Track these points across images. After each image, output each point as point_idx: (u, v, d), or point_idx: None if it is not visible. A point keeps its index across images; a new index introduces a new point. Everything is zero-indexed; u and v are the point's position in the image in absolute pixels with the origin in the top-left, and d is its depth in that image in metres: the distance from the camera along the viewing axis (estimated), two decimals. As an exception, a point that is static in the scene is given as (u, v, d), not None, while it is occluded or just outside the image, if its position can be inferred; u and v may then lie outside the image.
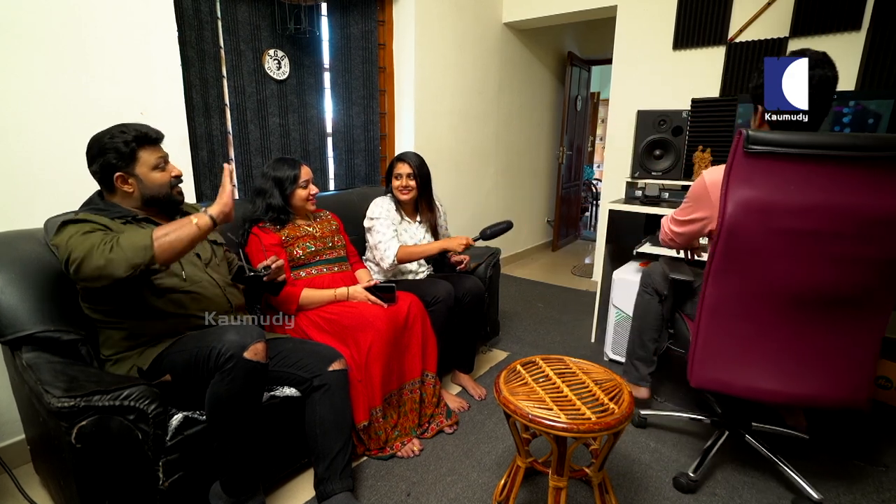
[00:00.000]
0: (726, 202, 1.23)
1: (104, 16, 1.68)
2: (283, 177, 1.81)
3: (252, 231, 1.78)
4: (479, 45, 3.60)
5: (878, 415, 1.99)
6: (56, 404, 1.03)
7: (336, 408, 1.43)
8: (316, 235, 1.88)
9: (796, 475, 1.50)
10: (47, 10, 1.56)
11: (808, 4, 2.64)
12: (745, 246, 1.25)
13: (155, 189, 1.34)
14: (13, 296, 1.26)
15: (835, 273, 1.23)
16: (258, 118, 2.48)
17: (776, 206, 1.19)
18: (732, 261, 1.29)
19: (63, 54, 1.60)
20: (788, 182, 1.18)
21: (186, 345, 1.27)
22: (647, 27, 3.20)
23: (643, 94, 3.24)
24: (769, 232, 1.22)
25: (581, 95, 5.13)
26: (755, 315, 1.34)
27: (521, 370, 1.36)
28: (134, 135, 1.29)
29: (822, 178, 1.16)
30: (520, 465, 1.33)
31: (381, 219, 2.06)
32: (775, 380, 1.39)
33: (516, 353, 2.56)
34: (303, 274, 1.82)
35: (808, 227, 1.19)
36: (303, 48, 2.61)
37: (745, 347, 1.39)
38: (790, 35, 2.71)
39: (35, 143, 1.57)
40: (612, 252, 2.67)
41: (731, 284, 1.33)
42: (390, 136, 3.16)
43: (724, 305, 1.36)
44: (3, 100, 1.50)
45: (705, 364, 1.44)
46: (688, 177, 2.58)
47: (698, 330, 1.41)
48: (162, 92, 1.88)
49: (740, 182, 1.21)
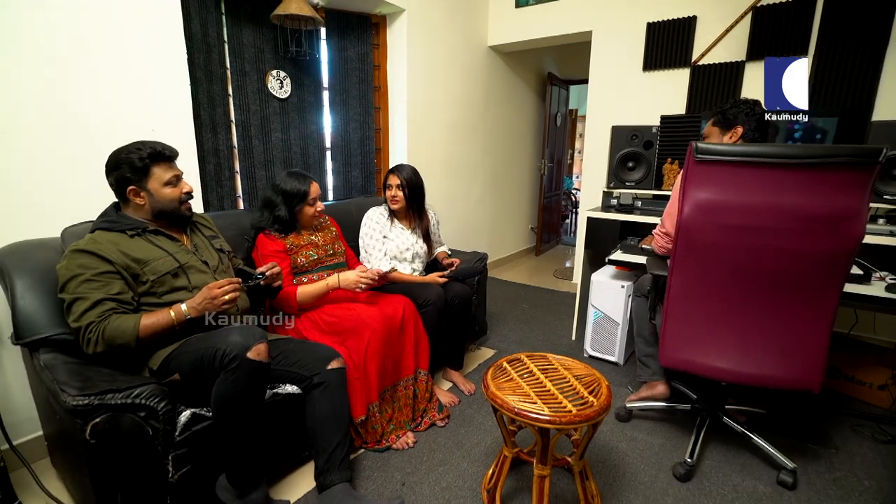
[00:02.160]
0: (683, 204, 1.33)
1: (121, 41, 1.68)
2: (293, 192, 1.76)
3: (258, 237, 1.77)
4: (466, 67, 3.62)
5: (826, 400, 2.03)
6: (71, 402, 1.03)
7: (335, 404, 1.42)
8: (318, 244, 1.87)
9: (771, 447, 1.56)
10: (78, 38, 1.56)
11: (762, 31, 2.70)
12: (699, 239, 1.35)
13: (165, 203, 1.34)
14: (32, 301, 1.25)
15: (778, 264, 1.31)
16: (261, 134, 2.47)
17: (724, 205, 1.29)
18: (690, 253, 1.38)
19: (83, 76, 1.59)
20: (733, 185, 1.28)
21: (193, 346, 1.26)
22: (619, 51, 3.25)
23: (617, 111, 3.29)
24: (719, 227, 1.31)
25: (560, 112, 5.18)
26: (710, 301, 1.43)
27: (507, 367, 1.37)
28: (149, 152, 1.29)
29: (761, 181, 1.26)
30: (507, 455, 1.34)
31: (370, 234, 2.09)
32: (729, 360, 1.46)
33: (503, 350, 2.56)
34: (304, 279, 1.81)
35: (752, 224, 1.28)
36: (303, 69, 2.61)
37: (702, 330, 1.47)
38: (747, 58, 2.77)
39: (55, 157, 1.56)
40: (591, 256, 2.69)
41: (689, 274, 1.42)
42: (385, 150, 3.16)
43: (685, 293, 1.45)
44: (26, 114, 1.49)
45: (672, 345, 1.51)
46: (658, 187, 2.62)
47: (666, 315, 1.49)
48: (172, 110, 1.87)
49: (694, 186, 1.31)
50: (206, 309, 1.26)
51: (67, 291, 1.19)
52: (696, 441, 1.60)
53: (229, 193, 2.34)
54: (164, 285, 1.31)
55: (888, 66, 2.41)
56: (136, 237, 1.31)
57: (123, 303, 1.23)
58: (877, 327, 2.40)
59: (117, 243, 1.27)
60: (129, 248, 1.28)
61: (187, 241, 1.46)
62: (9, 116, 1.46)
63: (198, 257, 1.43)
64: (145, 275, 1.28)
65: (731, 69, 2.83)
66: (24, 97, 1.49)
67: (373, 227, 2.09)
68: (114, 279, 1.23)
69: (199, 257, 1.43)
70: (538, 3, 3.55)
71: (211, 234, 1.57)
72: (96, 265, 1.21)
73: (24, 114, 1.49)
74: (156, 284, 1.29)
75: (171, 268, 1.33)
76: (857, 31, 2.44)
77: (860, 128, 2.46)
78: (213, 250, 1.51)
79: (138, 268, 1.27)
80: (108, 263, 1.22)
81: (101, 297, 1.19)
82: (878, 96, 2.44)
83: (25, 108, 1.49)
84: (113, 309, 1.20)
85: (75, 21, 1.56)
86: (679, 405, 1.85)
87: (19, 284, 1.26)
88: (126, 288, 1.25)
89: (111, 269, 1.23)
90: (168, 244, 1.37)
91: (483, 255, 2.48)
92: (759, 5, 2.69)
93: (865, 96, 2.46)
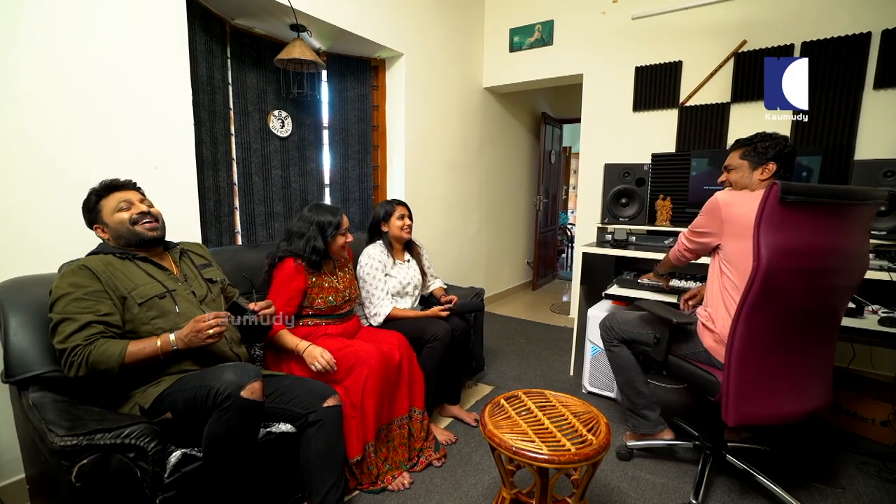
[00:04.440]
0: (760, 247, 1.24)
1: (129, 83, 1.73)
2: (326, 222, 1.77)
3: (288, 259, 1.72)
4: (462, 107, 3.74)
5: (828, 436, 1.99)
6: (59, 443, 1.00)
7: (330, 443, 1.39)
8: (339, 288, 1.83)
9: (778, 488, 1.52)
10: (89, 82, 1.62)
11: (744, 76, 2.83)
12: (777, 286, 1.27)
13: (119, 229, 1.35)
14: (24, 338, 1.24)
15: (822, 301, 1.37)
16: (262, 171, 2.52)
17: (805, 248, 1.27)
18: (765, 301, 1.29)
19: (90, 115, 1.63)
20: (810, 227, 1.26)
21: (186, 384, 1.24)
22: (609, 92, 3.38)
23: (609, 149, 3.38)
24: (794, 272, 1.27)
25: (555, 150, 5.32)
26: (777, 348, 1.37)
27: (504, 404, 1.35)
28: (95, 189, 1.36)
29: (833, 222, 1.28)
30: (505, 496, 1.30)
31: (373, 274, 2.04)
32: (789, 402, 1.42)
33: (500, 386, 2.52)
34: (311, 323, 1.78)
35: (823, 266, 1.30)
36: (304, 109, 2.70)
37: (772, 378, 1.40)
38: (731, 100, 2.89)
39: (55, 192, 1.58)
40: (587, 291, 2.70)
41: (759, 323, 1.33)
42: (382, 187, 3.22)
43: (753, 345, 1.35)
44: (27, 152, 1.52)
45: (741, 403, 1.39)
46: (651, 222, 2.67)
47: (729, 373, 1.37)
48: (176, 148, 1.91)
49: (772, 229, 1.24)
50: (193, 342, 1.25)
51: (56, 311, 1.18)
52: (700, 481, 1.56)
53: (228, 229, 2.36)
54: (153, 310, 1.30)
55: (865, 107, 2.51)
56: (126, 260, 1.33)
57: (111, 325, 1.22)
58: (874, 361, 2.39)
59: (110, 263, 1.29)
60: (119, 270, 1.29)
61: (176, 269, 1.46)
62: (9, 149, 1.49)
63: (186, 286, 1.43)
64: (132, 298, 1.28)
65: (717, 110, 2.94)
66: (29, 129, 1.52)
67: (375, 267, 2.05)
68: (103, 298, 1.23)
69: (187, 287, 1.43)
70: (531, 48, 3.71)
71: (203, 262, 1.57)
72: (87, 283, 1.22)
73: (25, 146, 1.51)
74: (143, 308, 1.29)
75: (158, 291, 1.33)
76: (835, 74, 2.55)
77: (844, 166, 2.53)
78: (202, 280, 1.51)
79: (126, 290, 1.27)
80: (99, 282, 1.23)
81: (90, 320, 1.18)
82: (858, 136, 2.53)
83: (28, 140, 1.52)
84: (101, 332, 1.19)
85: (87, 67, 1.62)
86: (682, 443, 1.81)
87: (13, 321, 1.25)
88: (114, 309, 1.25)
89: (101, 289, 1.23)
90: (156, 272, 1.38)
91: (480, 290, 2.49)
92: (741, 52, 2.82)
93: (846, 136, 2.55)
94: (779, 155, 1.51)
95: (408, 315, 2.04)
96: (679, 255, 1.75)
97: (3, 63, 1.45)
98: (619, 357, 1.85)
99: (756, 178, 1.55)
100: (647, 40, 3.17)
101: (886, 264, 1.85)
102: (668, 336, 1.62)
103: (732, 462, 1.64)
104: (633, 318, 1.83)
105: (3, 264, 1.45)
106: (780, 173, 1.53)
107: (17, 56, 1.47)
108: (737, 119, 2.88)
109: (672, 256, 1.80)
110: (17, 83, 1.48)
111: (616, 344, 1.85)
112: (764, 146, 1.53)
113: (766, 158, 1.52)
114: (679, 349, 1.64)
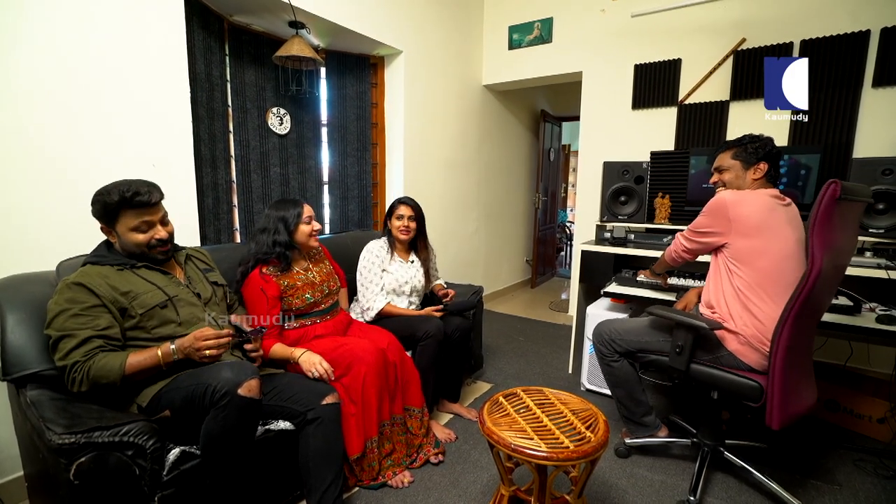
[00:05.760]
0: (814, 248, 1.23)
1: (128, 81, 1.72)
2: (287, 215, 1.75)
3: (253, 272, 1.67)
4: (461, 105, 3.74)
5: (825, 434, 2.00)
6: (57, 441, 1.00)
7: (329, 440, 1.39)
8: (315, 283, 1.79)
9: (775, 485, 1.52)
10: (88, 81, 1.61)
11: (743, 74, 2.82)
12: (822, 285, 1.27)
13: (131, 247, 1.32)
14: (21, 336, 1.23)
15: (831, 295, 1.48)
16: (260, 168, 2.52)
17: (840, 246, 1.33)
18: (812, 301, 1.29)
19: (89, 113, 1.63)
20: (841, 223, 1.29)
21: (183, 382, 1.24)
22: (608, 90, 3.37)
23: (608, 147, 3.37)
24: (832, 270, 1.31)
25: (553, 147, 5.31)
26: (807, 345, 1.46)
27: (503, 402, 1.35)
28: (118, 198, 1.25)
29: (847, 219, 1.32)
30: (504, 493, 1.30)
31: (369, 268, 2.05)
32: (812, 392, 1.50)
33: (499, 384, 2.53)
34: (296, 325, 1.75)
35: (842, 262, 1.39)
36: (303, 106, 2.69)
37: (801, 375, 1.45)
38: (730, 98, 2.88)
39: (54, 190, 1.57)
40: (586, 289, 2.70)
41: (802, 324, 1.34)
42: (381, 184, 3.21)
43: (794, 345, 1.35)
44: (28, 150, 1.51)
45: (784, 406, 1.38)
46: (650, 220, 2.67)
47: (774, 377, 1.36)
48: (174, 146, 1.90)
49: (824, 229, 1.23)
50: (190, 355, 1.25)
51: (54, 328, 1.18)
52: (698, 478, 1.56)
53: (226, 227, 2.36)
54: (154, 319, 1.30)
55: (864, 106, 2.51)
56: (124, 271, 1.31)
57: (111, 339, 1.22)
58: (871, 359, 2.39)
59: (106, 276, 1.26)
60: (118, 282, 1.27)
61: (180, 273, 1.45)
62: (9, 149, 1.48)
63: (190, 289, 1.42)
64: (133, 308, 1.27)
65: (716, 108, 2.93)
66: (29, 129, 1.51)
67: (372, 261, 2.06)
68: (102, 313, 1.22)
69: (191, 289, 1.42)
70: (530, 46, 3.70)
71: (206, 267, 1.57)
72: (85, 299, 1.20)
73: (25, 146, 1.51)
74: (144, 318, 1.28)
75: (160, 301, 1.31)
76: (834, 73, 2.55)
77: (842, 164, 2.54)
78: (207, 283, 1.51)
79: (126, 301, 1.26)
80: (97, 297, 1.21)
81: (89, 335, 1.18)
82: (856, 134, 2.53)
83: (28, 140, 1.51)
84: (100, 347, 1.19)
85: (87, 67, 1.61)
86: (679, 440, 1.81)
87: (10, 319, 1.24)
88: (114, 322, 1.23)
89: (99, 303, 1.22)
90: (158, 277, 1.36)
91: (478, 288, 2.48)
92: (740, 50, 2.82)
93: (845, 135, 2.54)
94: (768, 155, 1.57)
95: (401, 312, 2.04)
96: (676, 255, 1.74)
97: (3, 63, 1.44)
98: (619, 371, 1.77)
99: (749, 178, 1.59)
100: (647, 38, 3.16)
101: (884, 262, 1.85)
102: (687, 343, 1.53)
103: (730, 459, 1.64)
104: (640, 327, 1.74)
105: (3, 264, 1.44)
106: (770, 172, 1.58)
107: (17, 56, 1.46)
108: (736, 117, 2.87)
109: (668, 257, 1.79)
110: (17, 83, 1.47)
111: (616, 359, 1.76)
112: (754, 147, 1.59)
113: (756, 158, 1.58)
114: (700, 356, 1.57)
